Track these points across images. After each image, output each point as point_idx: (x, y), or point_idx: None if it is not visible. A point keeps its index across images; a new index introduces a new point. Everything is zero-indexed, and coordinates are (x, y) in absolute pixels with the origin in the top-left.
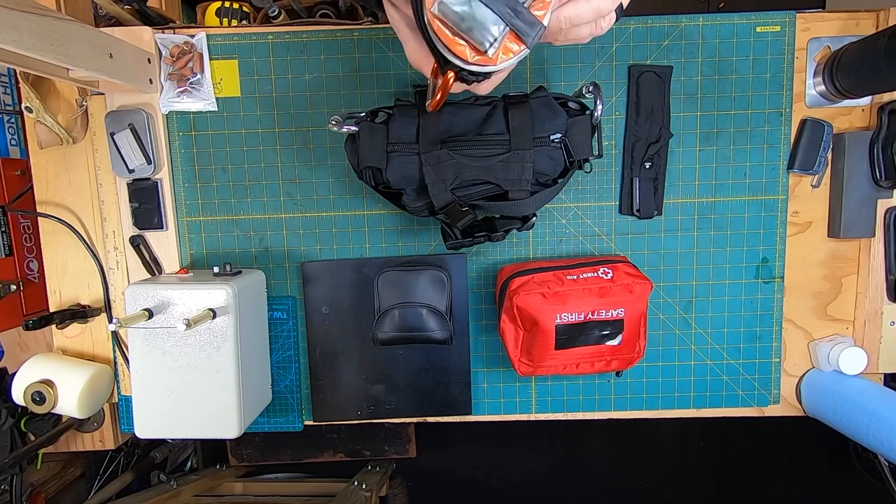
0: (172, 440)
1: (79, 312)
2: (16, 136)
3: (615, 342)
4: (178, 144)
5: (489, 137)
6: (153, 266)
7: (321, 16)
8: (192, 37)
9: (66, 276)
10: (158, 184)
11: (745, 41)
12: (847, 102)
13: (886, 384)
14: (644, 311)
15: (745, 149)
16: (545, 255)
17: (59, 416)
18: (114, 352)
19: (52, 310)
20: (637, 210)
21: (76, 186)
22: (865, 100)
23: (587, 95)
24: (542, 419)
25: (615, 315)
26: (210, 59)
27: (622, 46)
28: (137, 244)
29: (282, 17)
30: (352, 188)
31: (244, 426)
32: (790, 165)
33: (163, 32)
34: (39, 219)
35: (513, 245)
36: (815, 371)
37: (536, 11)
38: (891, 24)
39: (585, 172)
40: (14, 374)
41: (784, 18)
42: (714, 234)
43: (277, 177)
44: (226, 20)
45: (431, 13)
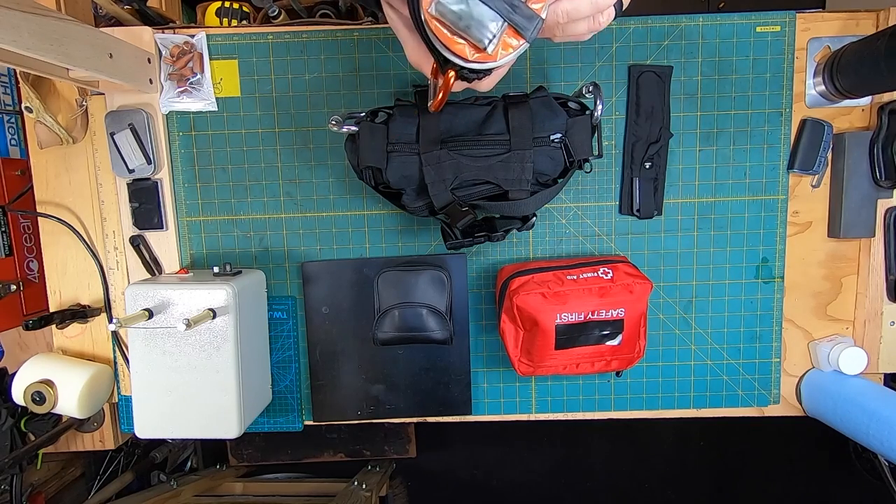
0: (172, 440)
1: (79, 312)
2: (16, 136)
3: (615, 342)
4: (178, 144)
5: (489, 137)
6: (153, 266)
7: (321, 16)
8: (192, 37)
9: (66, 276)
10: (158, 184)
11: (745, 41)
12: (847, 102)
13: (886, 384)
14: (644, 311)
15: (745, 149)
16: (545, 255)
17: (59, 416)
18: (114, 352)
19: (52, 310)
20: (637, 210)
21: (76, 186)
22: (865, 100)
23: (587, 95)
24: (542, 419)
25: (615, 315)
26: (210, 59)
27: (622, 46)
28: (137, 244)
29: (282, 17)
30: (352, 188)
31: (244, 426)
32: (790, 165)
33: (163, 32)
34: (39, 219)
35: (513, 245)
36: (815, 371)
37: (534, 5)
38: (891, 24)
39: (585, 172)
40: (14, 374)
41: (784, 18)
42: (714, 234)
43: (277, 177)
44: (226, 20)
45: (429, 13)
